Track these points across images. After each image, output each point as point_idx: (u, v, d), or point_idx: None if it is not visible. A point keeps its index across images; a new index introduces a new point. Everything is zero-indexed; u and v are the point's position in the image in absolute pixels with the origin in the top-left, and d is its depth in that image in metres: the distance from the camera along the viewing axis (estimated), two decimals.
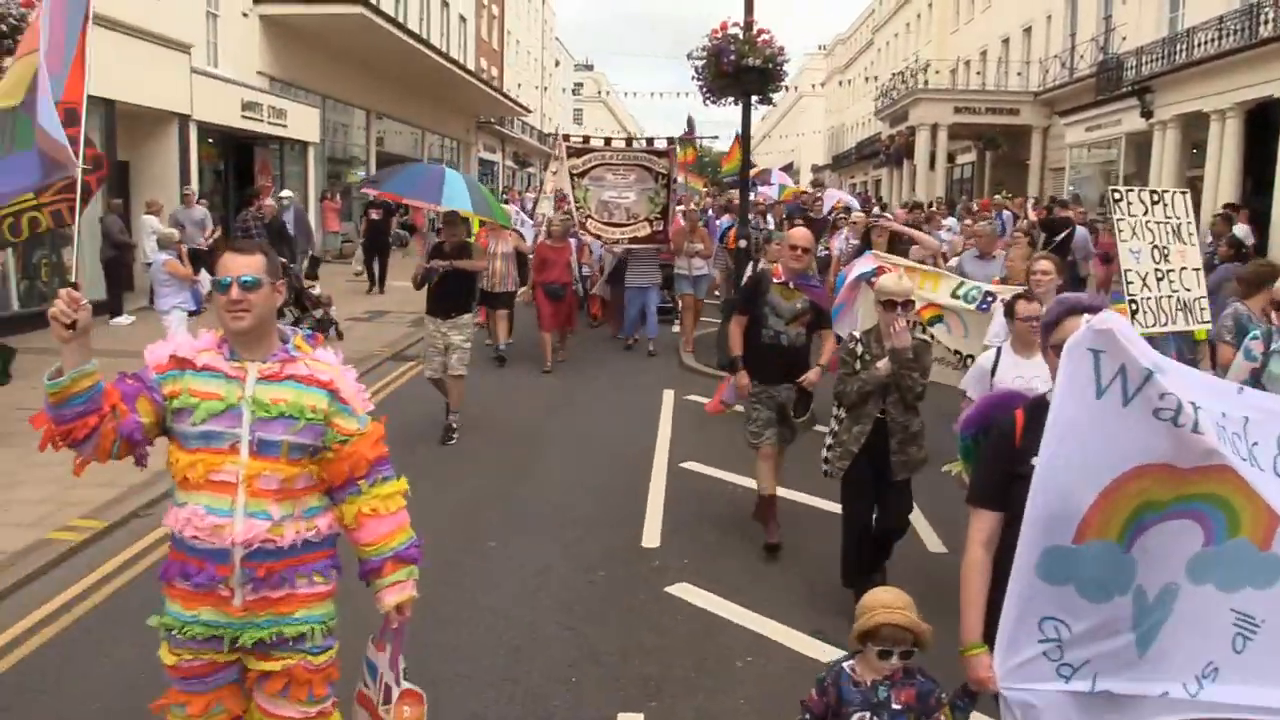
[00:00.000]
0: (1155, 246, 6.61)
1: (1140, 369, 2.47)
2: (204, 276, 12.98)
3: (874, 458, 5.35)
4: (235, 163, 21.27)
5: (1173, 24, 23.31)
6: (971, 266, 9.74)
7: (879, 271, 8.03)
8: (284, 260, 12.84)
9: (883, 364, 5.22)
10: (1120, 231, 6.54)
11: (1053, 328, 2.94)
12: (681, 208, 15.10)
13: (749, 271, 9.37)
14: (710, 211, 19.28)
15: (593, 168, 13.56)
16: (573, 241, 12.63)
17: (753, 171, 21.59)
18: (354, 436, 2.97)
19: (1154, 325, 6.51)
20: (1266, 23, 18.01)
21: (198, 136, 18.26)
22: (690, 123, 25.51)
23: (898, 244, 10.67)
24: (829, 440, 5.70)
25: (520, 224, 14.43)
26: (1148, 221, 6.61)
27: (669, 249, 13.41)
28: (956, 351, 8.10)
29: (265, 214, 14.85)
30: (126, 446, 2.80)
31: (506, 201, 19.54)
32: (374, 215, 17.92)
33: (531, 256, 12.86)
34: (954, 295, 8.14)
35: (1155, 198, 6.81)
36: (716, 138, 17.46)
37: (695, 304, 13.63)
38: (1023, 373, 5.11)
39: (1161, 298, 6.60)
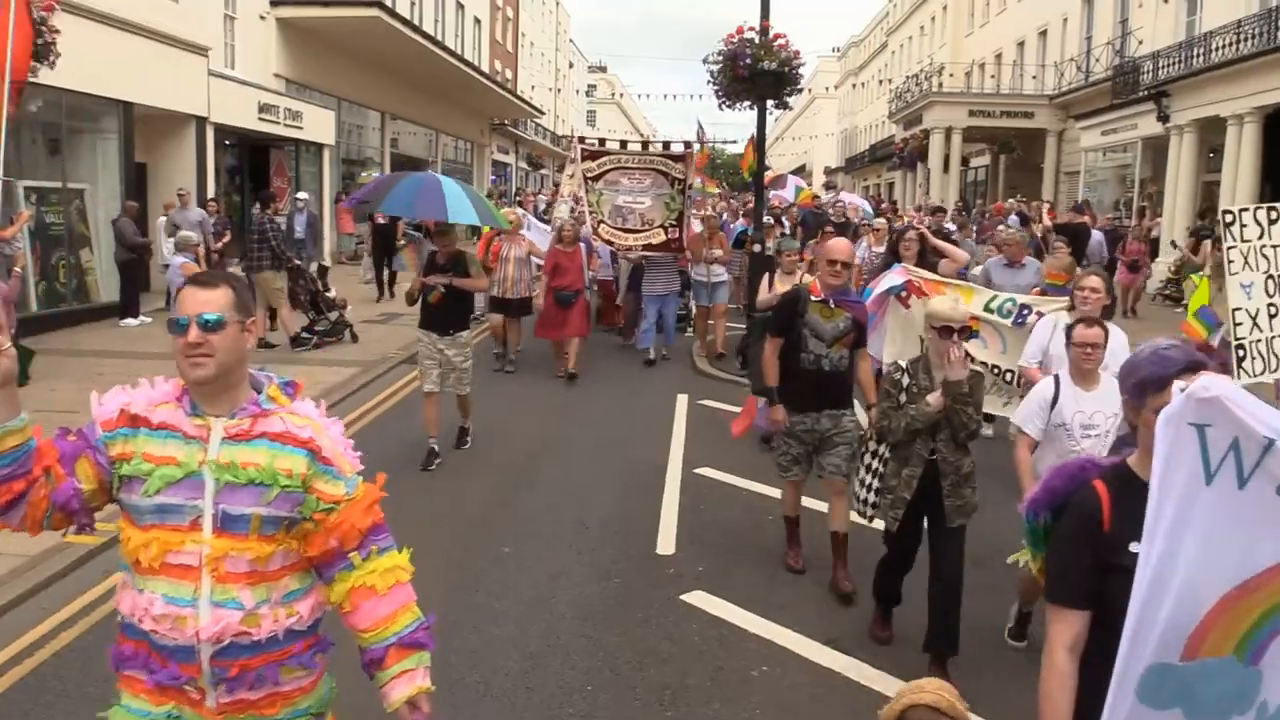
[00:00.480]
0: (1271, 277, 5.64)
1: (1259, 439, 2.00)
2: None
3: (923, 502, 4.85)
4: (251, 164, 21.39)
5: (1190, 28, 23.19)
6: (999, 276, 9.22)
7: (909, 287, 7.75)
8: (299, 263, 12.89)
9: (934, 398, 4.72)
10: (1230, 263, 5.61)
11: (1152, 389, 2.33)
12: (699, 213, 14.68)
13: (766, 281, 8.85)
14: (724, 215, 19.16)
15: (607, 171, 13.05)
16: (583, 246, 12.15)
17: (768, 176, 21.63)
18: (341, 504, 2.45)
19: (1263, 372, 5.60)
20: None
21: (214, 138, 18.35)
22: (700, 126, 25.41)
23: (926, 255, 9.72)
24: (869, 480, 5.29)
25: (529, 228, 13.98)
26: (1263, 247, 5.65)
27: (686, 256, 13.00)
28: (994, 367, 7.72)
29: (280, 219, 14.63)
30: (62, 518, 2.37)
31: (520, 204, 19.58)
32: (380, 220, 17.39)
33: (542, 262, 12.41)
34: (987, 309, 7.71)
35: (1275, 215, 5.74)
36: (734, 142, 16.77)
37: (719, 311, 12.98)
38: (1083, 407, 4.74)
39: (1274, 338, 5.63)
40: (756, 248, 12.01)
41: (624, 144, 13.95)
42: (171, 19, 16.39)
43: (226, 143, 19.77)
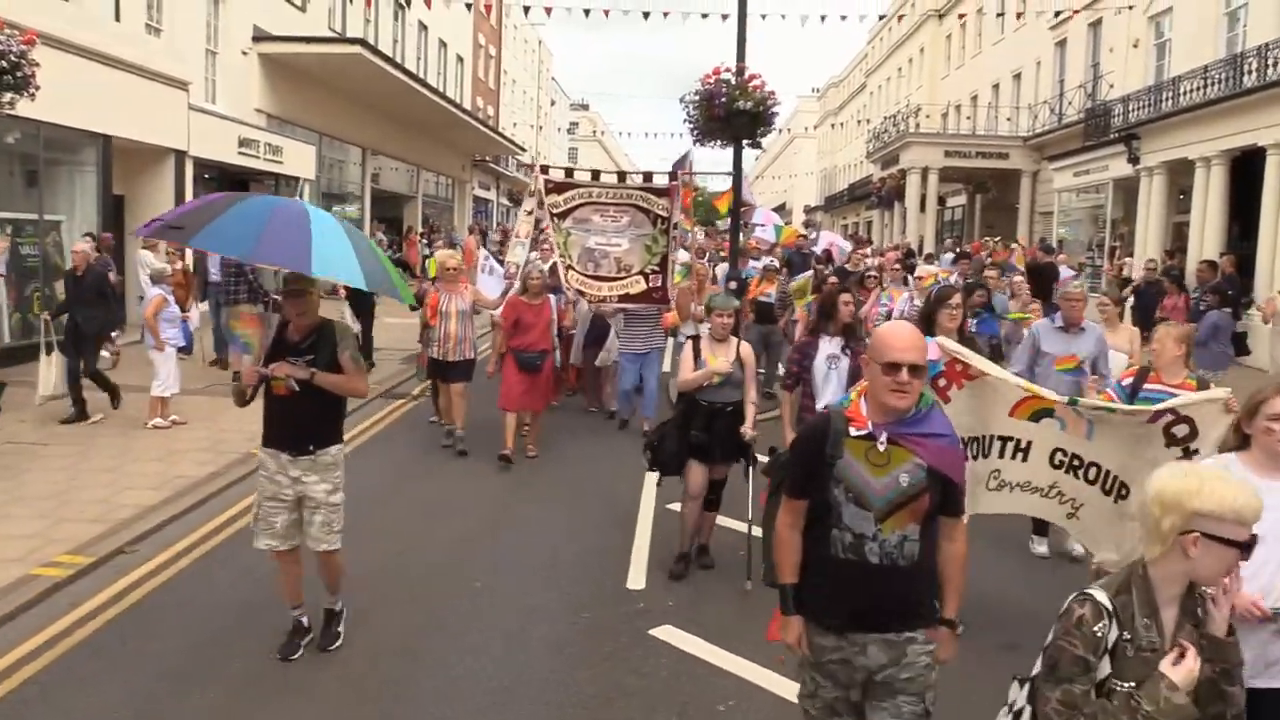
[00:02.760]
0: None
1: None
2: (194, 313, 13.08)
3: None
4: None
5: (1159, 72, 23.66)
6: (1053, 342, 7.17)
7: (949, 373, 5.33)
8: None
9: (1181, 674, 2.47)
10: None
11: None
12: (685, 258, 12.43)
13: (689, 351, 6.80)
14: (705, 256, 18.61)
15: (576, 207, 10.75)
16: (552, 299, 10.10)
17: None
18: None
19: None
20: (1250, 72, 18.30)
21: (194, 172, 18.38)
22: (689, 157, 21.79)
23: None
24: None
25: (489, 272, 12.23)
26: None
27: (670, 312, 10.83)
28: (1073, 456, 5.27)
29: None
30: None
31: (478, 234, 18.88)
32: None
33: (498, 315, 10.00)
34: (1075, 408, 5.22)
35: None
36: (719, 174, 15.05)
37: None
38: (1272, 501, 2.87)
39: None
40: (732, 284, 12.01)
41: (596, 175, 11.42)
42: (153, 53, 16.49)
43: (206, 176, 19.78)
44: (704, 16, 22.46)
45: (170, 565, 6.63)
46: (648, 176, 11.42)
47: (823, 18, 23.15)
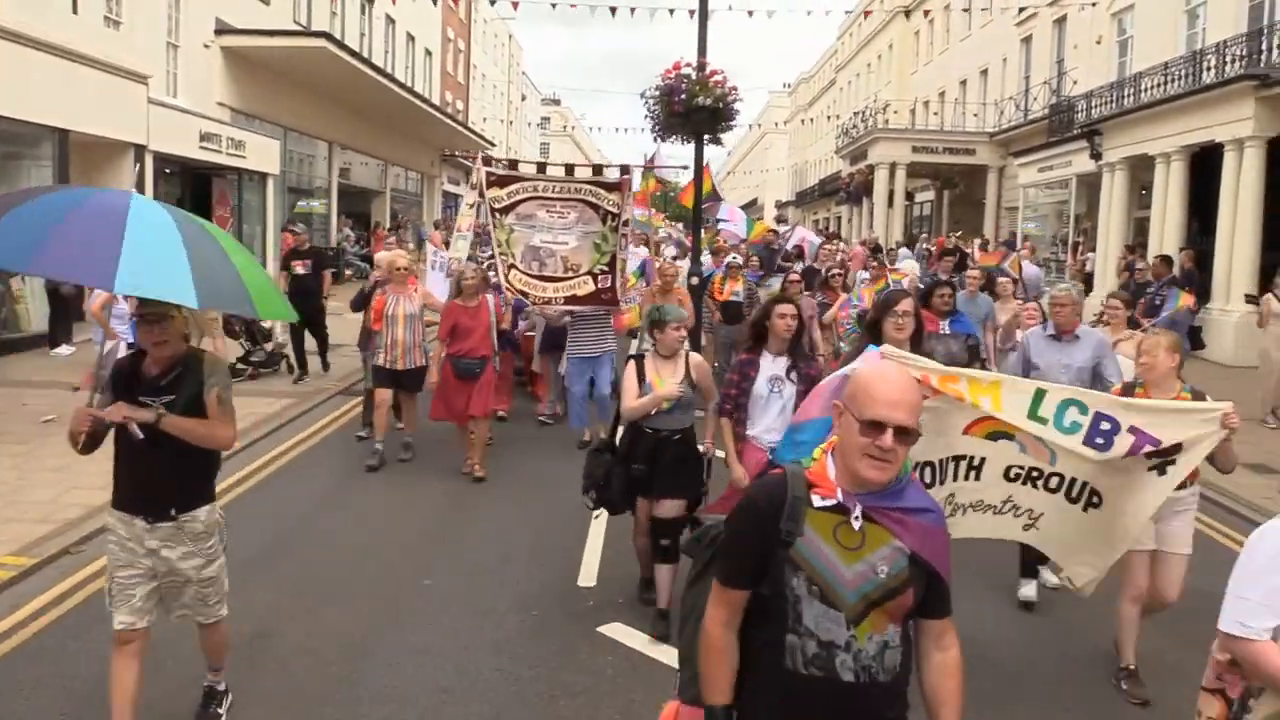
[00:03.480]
0: None
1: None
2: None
3: None
4: (193, 194, 21.18)
5: (1121, 69, 23.89)
6: (1044, 353, 6.45)
7: None
8: None
9: None
10: None
11: None
12: (650, 259, 12.19)
13: (632, 371, 5.84)
14: (671, 247, 17.90)
15: (520, 201, 9.96)
16: (489, 299, 9.17)
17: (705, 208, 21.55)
18: None
19: None
20: (1209, 69, 18.52)
21: (154, 167, 18.17)
22: (656, 152, 19.53)
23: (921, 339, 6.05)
24: None
25: (438, 268, 11.56)
26: None
27: (621, 313, 10.60)
28: (1031, 470, 4.51)
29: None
30: None
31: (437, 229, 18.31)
32: (299, 269, 12.75)
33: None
34: (1035, 418, 4.29)
35: None
36: (686, 167, 13.86)
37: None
38: None
39: None
40: (693, 280, 12.04)
41: (542, 167, 10.70)
42: (112, 46, 16.28)
43: (167, 171, 19.57)
44: (671, 13, 22.46)
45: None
46: (597, 170, 10.69)
47: (790, 13, 23.20)
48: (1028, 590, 6.33)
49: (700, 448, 5.89)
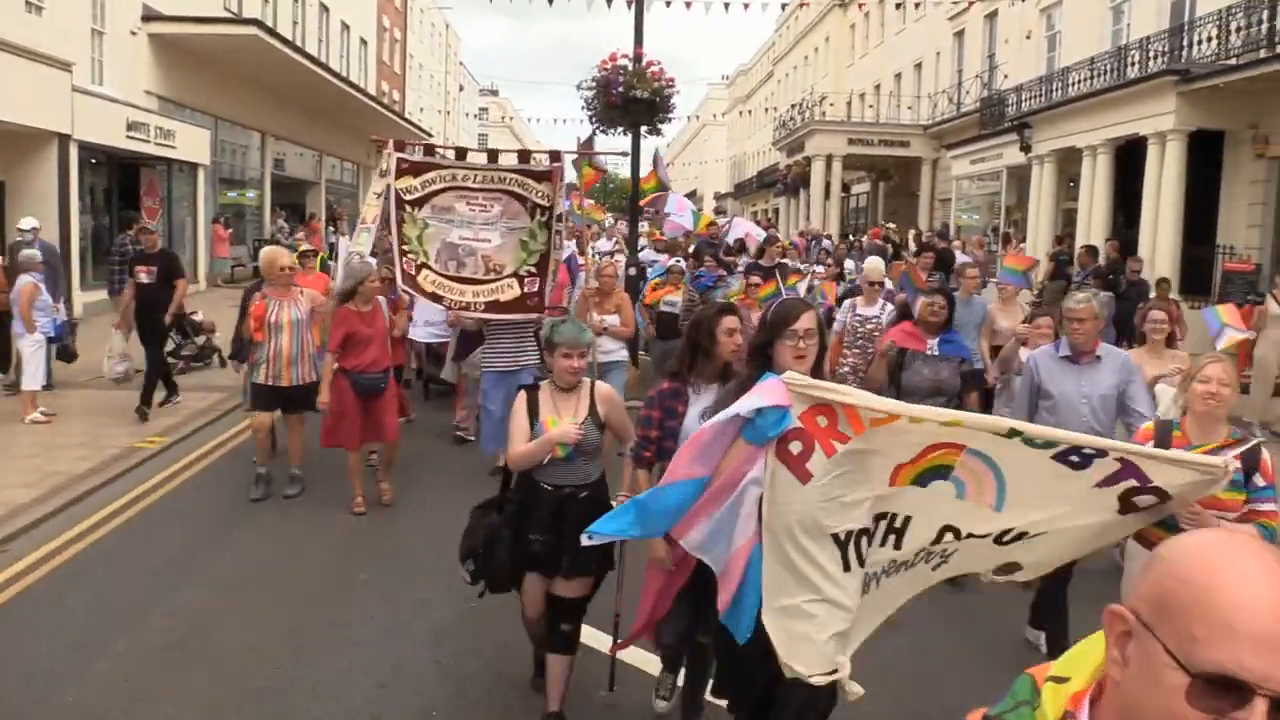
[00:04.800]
0: None
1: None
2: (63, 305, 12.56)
3: None
4: (121, 184, 20.70)
5: (1050, 63, 24.40)
6: (1058, 379, 5.47)
7: (809, 428, 3.09)
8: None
9: None
10: None
11: None
12: (576, 255, 11.07)
13: (521, 404, 4.55)
14: (610, 244, 16.17)
15: (436, 192, 8.60)
16: (382, 302, 7.98)
17: (648, 200, 21.44)
18: None
19: None
20: (1133, 65, 19.02)
21: (79, 157, 17.72)
22: (590, 138, 16.06)
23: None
24: None
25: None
26: None
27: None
28: (991, 536, 3.26)
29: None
30: None
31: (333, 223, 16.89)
32: (143, 276, 10.33)
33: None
34: (1028, 441, 3.07)
35: None
36: (626, 154, 12.89)
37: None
38: None
39: None
40: (631, 270, 12.04)
41: (461, 153, 9.30)
42: (33, 32, 15.81)
43: (93, 161, 19.09)
44: (609, 2, 22.41)
45: (42, 564, 6.42)
46: (524, 157, 9.45)
47: (726, 6, 23.23)
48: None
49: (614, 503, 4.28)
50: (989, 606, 5.86)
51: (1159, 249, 17.18)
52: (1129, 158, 18.54)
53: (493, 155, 9.29)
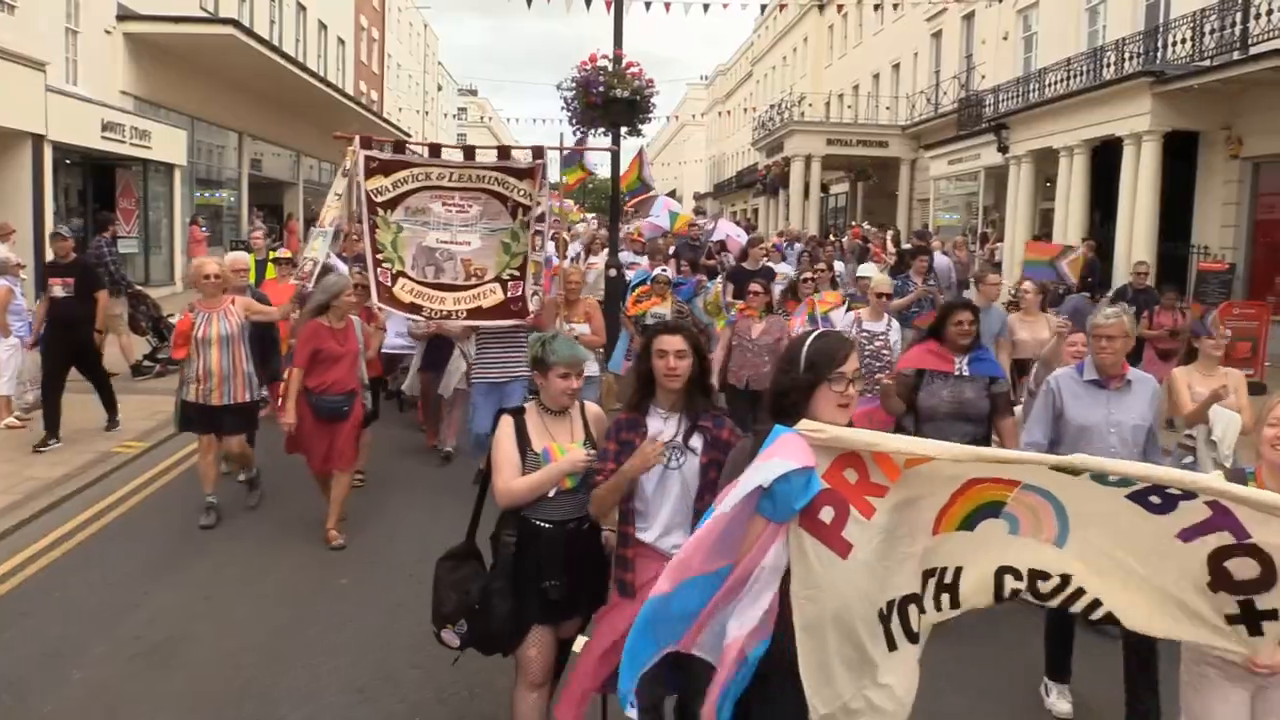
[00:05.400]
0: None
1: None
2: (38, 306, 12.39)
3: None
4: (96, 186, 20.52)
5: (1027, 64, 24.56)
6: (1081, 406, 4.81)
7: (838, 489, 2.65)
8: (140, 288, 12.23)
9: None
10: None
11: None
12: (557, 258, 10.33)
13: (498, 461, 3.98)
14: (576, 245, 15.61)
15: (410, 193, 8.00)
16: (356, 321, 7.27)
17: (635, 200, 21.31)
18: None
19: None
20: (1109, 66, 19.17)
21: (53, 157, 17.54)
22: (583, 140, 15.74)
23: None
24: None
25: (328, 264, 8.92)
26: None
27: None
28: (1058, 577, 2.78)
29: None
30: None
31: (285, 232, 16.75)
32: (58, 290, 9.34)
33: (293, 340, 7.42)
34: (1098, 477, 2.60)
35: None
36: (615, 149, 12.25)
37: None
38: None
39: None
40: (611, 272, 12.03)
41: (436, 150, 8.69)
42: (6, 31, 15.64)
43: (68, 161, 18.91)
44: (588, 3, 22.38)
45: (17, 572, 6.36)
46: (503, 153, 8.74)
47: (705, 7, 23.22)
48: (1062, 704, 4.80)
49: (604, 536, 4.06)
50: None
51: (1134, 249, 17.30)
52: (1105, 158, 18.68)
53: (469, 152, 8.67)
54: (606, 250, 13.12)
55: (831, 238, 24.84)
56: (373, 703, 4.78)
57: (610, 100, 11.56)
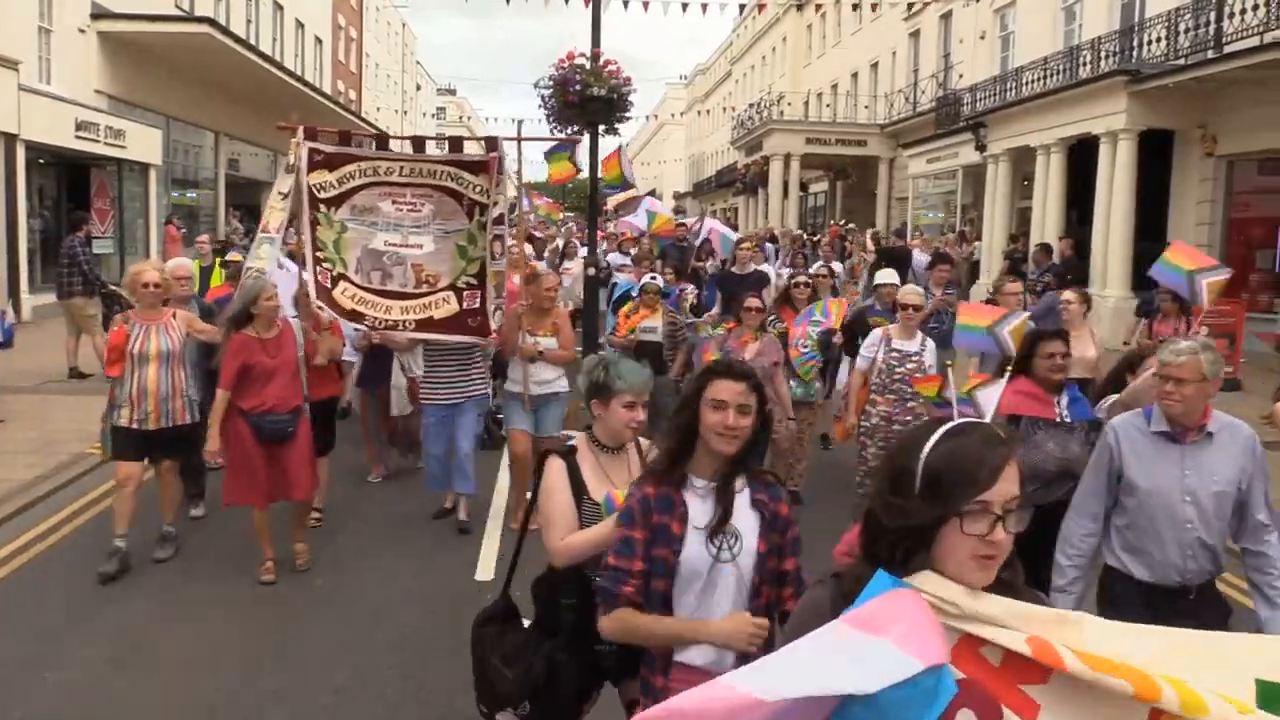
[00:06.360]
0: None
1: None
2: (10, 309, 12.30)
3: None
4: (70, 185, 20.31)
5: (1004, 63, 24.69)
6: (1147, 463, 3.76)
7: (977, 679, 1.60)
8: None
9: None
10: None
11: None
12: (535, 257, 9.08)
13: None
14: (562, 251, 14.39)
15: (357, 189, 7.18)
16: (295, 325, 6.53)
17: (620, 198, 21.19)
18: None
19: None
20: (1085, 65, 19.29)
21: (26, 157, 17.35)
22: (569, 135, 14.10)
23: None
24: None
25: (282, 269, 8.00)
26: None
27: (494, 340, 7.42)
28: None
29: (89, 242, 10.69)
30: None
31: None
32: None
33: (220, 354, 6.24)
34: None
35: None
36: (576, 140, 12.09)
37: (538, 450, 6.40)
38: None
39: None
40: (590, 270, 11.99)
41: (384, 141, 8.09)
42: None
43: (41, 161, 18.71)
44: (566, 1, 22.34)
45: None
46: (455, 144, 7.81)
47: (684, 6, 23.20)
48: None
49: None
50: None
51: (1112, 244, 17.44)
52: (1082, 157, 18.79)
53: (419, 143, 7.90)
54: (585, 250, 12.98)
55: (805, 236, 24.61)
56: (351, 703, 4.75)
57: (588, 99, 11.51)
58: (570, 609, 3.23)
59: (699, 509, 2.71)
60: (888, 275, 8.64)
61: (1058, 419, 4.66)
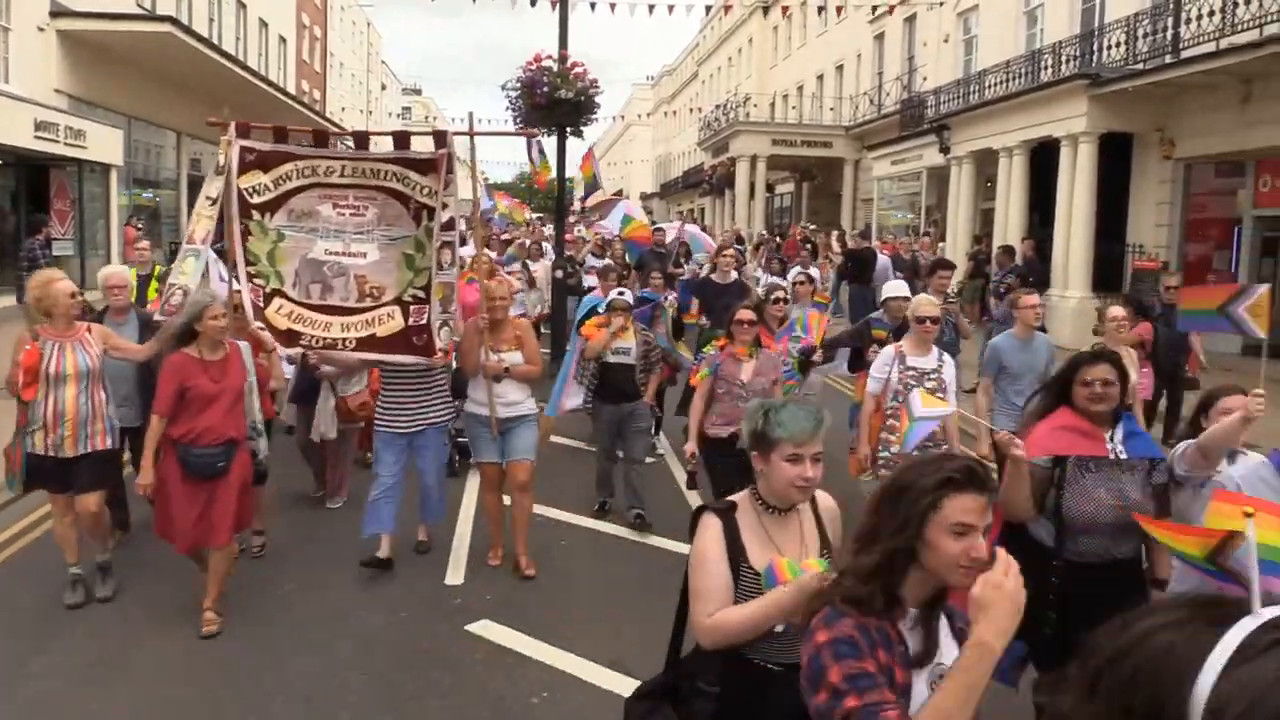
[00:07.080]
0: None
1: None
2: None
3: None
4: (29, 186, 20.01)
5: (967, 66, 24.95)
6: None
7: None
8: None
9: None
10: None
11: None
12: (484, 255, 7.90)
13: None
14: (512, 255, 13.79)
15: (293, 192, 6.49)
16: (244, 347, 5.92)
17: (594, 199, 21.16)
18: None
19: None
20: (1047, 69, 19.54)
21: None
22: (538, 143, 15.06)
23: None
24: None
25: (218, 280, 7.62)
26: None
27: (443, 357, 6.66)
28: None
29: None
30: None
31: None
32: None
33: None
34: None
35: None
36: (535, 135, 12.05)
37: (520, 480, 6.56)
38: None
39: None
40: (558, 274, 12.00)
41: (323, 138, 6.88)
42: None
43: (0, 163, 18.45)
44: (533, 2, 22.31)
45: None
46: (401, 140, 6.72)
47: (651, 8, 23.26)
48: None
49: None
50: None
51: (1073, 246, 17.66)
52: (1043, 159, 19.02)
53: (362, 139, 7.19)
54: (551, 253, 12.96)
55: (774, 238, 24.66)
56: (319, 710, 4.73)
57: (555, 101, 11.53)
58: (709, 699, 2.75)
59: (914, 646, 2.13)
60: (897, 288, 7.88)
61: (1111, 456, 3.87)
